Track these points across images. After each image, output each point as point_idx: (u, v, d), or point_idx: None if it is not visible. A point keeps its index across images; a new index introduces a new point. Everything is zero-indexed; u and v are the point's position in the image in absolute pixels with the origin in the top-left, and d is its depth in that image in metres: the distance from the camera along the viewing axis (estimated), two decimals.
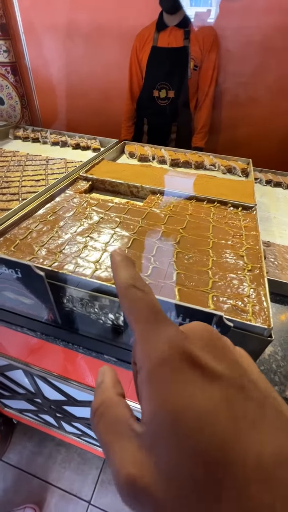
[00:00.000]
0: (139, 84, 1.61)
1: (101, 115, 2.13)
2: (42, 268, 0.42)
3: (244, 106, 1.80)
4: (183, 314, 0.35)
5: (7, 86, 2.03)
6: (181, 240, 0.56)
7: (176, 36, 1.43)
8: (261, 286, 0.45)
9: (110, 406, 0.15)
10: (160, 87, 1.53)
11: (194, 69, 1.48)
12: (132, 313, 0.16)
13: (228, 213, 0.68)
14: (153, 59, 1.48)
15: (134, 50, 1.54)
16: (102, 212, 0.63)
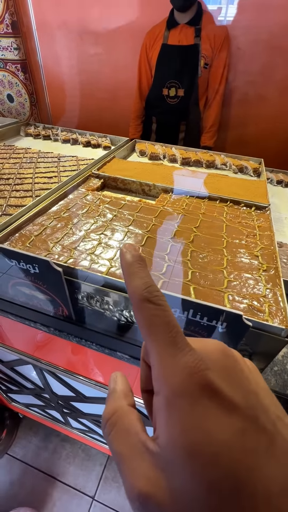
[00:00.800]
0: (148, 82, 1.60)
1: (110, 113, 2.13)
2: (59, 264, 0.42)
3: (254, 104, 1.78)
4: (201, 313, 0.35)
5: (17, 84, 2.04)
6: (195, 239, 0.56)
7: (186, 34, 1.42)
8: (277, 287, 0.45)
9: (122, 417, 0.16)
10: (170, 85, 1.52)
11: (204, 67, 1.47)
12: (149, 332, 0.16)
13: (241, 212, 0.67)
14: (163, 57, 1.48)
15: (144, 48, 1.54)
16: (115, 210, 0.64)
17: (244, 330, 0.35)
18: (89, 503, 1.22)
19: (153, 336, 0.15)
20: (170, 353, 0.15)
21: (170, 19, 1.40)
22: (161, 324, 0.16)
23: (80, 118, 2.20)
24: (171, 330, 0.15)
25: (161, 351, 0.15)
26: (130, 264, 0.18)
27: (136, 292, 0.17)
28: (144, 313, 0.16)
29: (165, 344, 0.15)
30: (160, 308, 0.16)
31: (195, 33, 1.43)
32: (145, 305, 0.16)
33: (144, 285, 0.17)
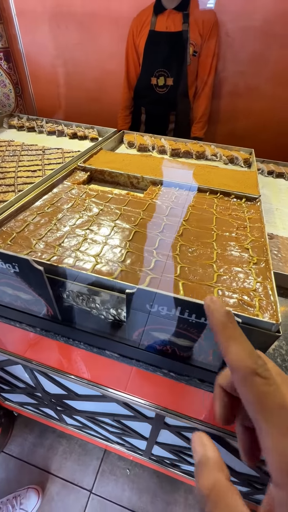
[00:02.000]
0: (136, 71, 1.55)
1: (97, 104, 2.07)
2: (40, 262, 0.40)
3: (244, 96, 1.75)
4: (189, 310, 0.34)
5: (0, 74, 1.96)
6: (184, 233, 0.54)
7: (174, 19, 1.37)
8: (268, 280, 0.44)
9: (225, 495, 0.15)
10: (158, 74, 1.47)
11: (193, 55, 1.43)
12: (262, 414, 0.15)
13: (231, 204, 0.66)
14: (151, 44, 1.43)
15: (131, 35, 1.48)
16: (101, 204, 0.61)
17: None
18: (86, 497, 1.23)
19: (268, 419, 0.14)
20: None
21: (157, 4, 1.34)
22: (276, 407, 0.14)
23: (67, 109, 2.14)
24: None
25: (282, 441, 0.14)
26: (225, 325, 0.17)
27: (242, 363, 0.16)
28: (253, 389, 0.15)
29: (283, 431, 0.14)
30: (270, 383, 0.15)
31: (183, 19, 1.38)
32: (254, 380, 0.15)
33: (249, 354, 0.16)
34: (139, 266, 0.45)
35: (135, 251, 0.48)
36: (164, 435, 0.76)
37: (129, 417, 0.74)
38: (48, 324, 0.49)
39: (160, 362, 0.45)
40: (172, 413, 0.58)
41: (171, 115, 1.59)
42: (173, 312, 0.35)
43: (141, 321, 0.39)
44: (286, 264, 0.64)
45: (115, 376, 0.62)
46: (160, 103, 1.56)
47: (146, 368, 0.47)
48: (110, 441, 1.07)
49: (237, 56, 1.64)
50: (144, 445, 0.93)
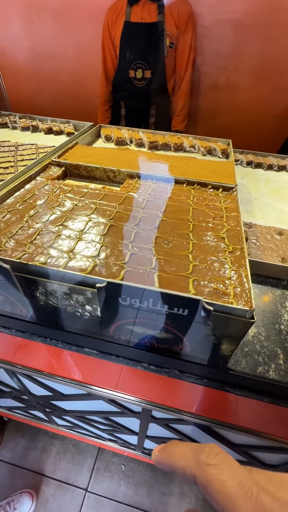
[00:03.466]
0: (113, 64, 1.52)
1: (76, 98, 2.02)
2: (7, 261, 0.38)
3: (224, 90, 1.76)
4: (161, 301, 0.33)
5: None
6: (160, 225, 0.54)
7: (149, 10, 1.35)
8: (242, 268, 0.44)
9: None
10: (136, 66, 1.45)
11: (170, 46, 1.41)
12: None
13: (208, 195, 0.66)
14: (127, 35, 1.40)
15: (106, 26, 1.45)
16: (76, 199, 0.60)
17: (207, 314, 0.33)
18: (82, 496, 1.23)
19: None
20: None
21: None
22: None
23: (44, 104, 2.08)
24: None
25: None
26: (160, 459, 0.19)
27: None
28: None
29: None
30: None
31: (158, 10, 1.36)
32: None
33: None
34: (114, 260, 0.44)
35: (110, 245, 0.47)
36: (154, 428, 0.77)
37: (117, 413, 0.74)
38: (24, 324, 0.48)
39: (140, 356, 0.45)
40: (157, 406, 0.58)
41: (151, 108, 1.57)
42: (146, 304, 0.34)
43: (115, 316, 0.38)
44: (264, 252, 0.65)
45: (99, 374, 0.62)
46: (139, 96, 1.54)
47: (127, 363, 0.47)
48: (102, 438, 1.07)
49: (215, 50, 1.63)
50: (136, 440, 0.93)
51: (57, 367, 0.64)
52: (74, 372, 0.63)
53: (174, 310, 0.34)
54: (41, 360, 0.63)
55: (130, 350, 0.44)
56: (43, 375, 0.64)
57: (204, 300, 0.32)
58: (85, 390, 0.65)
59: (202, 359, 0.43)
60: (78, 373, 0.62)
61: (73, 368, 0.63)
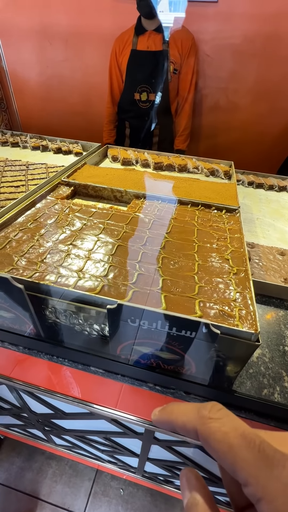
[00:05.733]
0: (119, 87, 1.61)
1: (83, 119, 2.11)
2: (20, 280, 0.39)
3: (225, 111, 1.84)
4: (169, 323, 0.34)
5: None
6: (166, 245, 0.55)
7: (155, 40, 1.44)
8: (247, 290, 0.45)
9: None
10: (141, 90, 1.53)
11: (174, 72, 1.50)
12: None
13: (212, 216, 0.68)
14: (133, 62, 1.49)
15: (114, 54, 1.54)
16: (85, 218, 0.62)
17: (214, 337, 0.34)
18: None
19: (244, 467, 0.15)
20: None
21: (138, 26, 1.41)
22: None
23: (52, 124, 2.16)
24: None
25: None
26: (159, 417, 0.19)
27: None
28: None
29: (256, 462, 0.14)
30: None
31: (163, 39, 1.45)
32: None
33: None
34: (122, 280, 0.46)
35: (118, 265, 0.49)
36: (155, 450, 0.75)
37: (119, 434, 0.72)
38: (31, 342, 0.48)
39: (146, 376, 0.45)
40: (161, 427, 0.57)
41: (155, 128, 1.64)
42: (154, 326, 0.35)
43: (123, 336, 0.39)
44: (267, 272, 0.66)
45: (102, 393, 0.61)
46: (143, 117, 1.61)
47: (132, 382, 0.47)
48: (101, 460, 1.04)
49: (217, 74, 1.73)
50: (136, 462, 0.90)
51: (60, 385, 0.64)
52: (78, 391, 0.63)
53: (181, 332, 0.35)
54: (44, 377, 0.63)
55: (136, 370, 0.45)
56: (46, 392, 0.63)
57: (211, 323, 0.34)
58: (87, 409, 0.64)
59: (208, 381, 0.43)
60: (80, 392, 0.62)
61: (77, 387, 0.63)
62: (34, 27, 1.89)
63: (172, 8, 1.53)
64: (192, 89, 1.56)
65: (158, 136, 1.67)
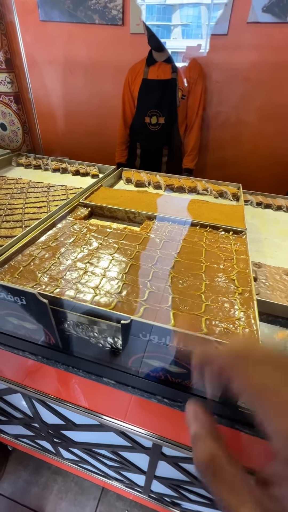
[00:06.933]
0: (131, 111, 1.73)
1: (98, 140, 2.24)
2: (45, 296, 0.44)
3: (232, 129, 1.92)
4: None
5: (10, 114, 2.16)
6: (176, 265, 0.59)
7: (164, 70, 1.56)
8: (251, 309, 0.48)
9: (221, 464, 0.16)
10: (151, 114, 1.65)
11: (182, 98, 1.61)
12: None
13: (220, 237, 0.72)
14: (144, 90, 1.62)
15: (127, 82, 1.68)
16: (101, 238, 0.67)
17: None
18: None
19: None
20: None
21: (149, 58, 1.54)
22: None
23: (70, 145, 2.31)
24: None
25: None
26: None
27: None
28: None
29: None
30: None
31: (172, 69, 1.57)
32: None
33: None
34: (134, 297, 0.50)
35: (131, 283, 0.53)
36: (163, 468, 0.75)
37: (127, 448, 0.73)
38: (49, 352, 0.52)
39: (154, 388, 0.48)
40: (169, 442, 0.59)
41: (164, 149, 1.74)
42: (164, 341, 0.39)
43: (135, 349, 0.43)
44: (273, 292, 0.69)
45: (113, 405, 0.64)
46: (153, 139, 1.72)
47: (141, 394, 0.50)
48: (108, 477, 1.03)
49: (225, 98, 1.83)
50: (143, 480, 0.90)
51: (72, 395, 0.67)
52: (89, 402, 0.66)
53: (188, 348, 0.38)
54: (58, 387, 0.66)
55: (146, 382, 0.48)
56: (58, 401, 0.66)
57: (215, 339, 0.37)
58: (97, 420, 0.66)
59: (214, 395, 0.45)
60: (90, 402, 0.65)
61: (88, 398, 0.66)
62: (58, 59, 2.07)
63: (185, 36, 1.67)
64: (199, 114, 1.67)
65: (167, 156, 1.76)
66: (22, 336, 0.54)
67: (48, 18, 1.83)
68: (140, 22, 1.63)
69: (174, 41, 1.73)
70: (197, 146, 1.75)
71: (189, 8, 1.71)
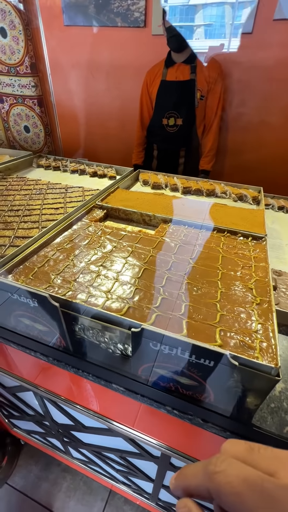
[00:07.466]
0: (149, 113, 1.73)
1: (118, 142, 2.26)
2: (57, 298, 0.44)
3: (253, 130, 1.86)
4: (189, 350, 0.36)
5: (33, 116, 2.23)
6: (190, 271, 0.57)
7: (183, 71, 1.54)
8: (270, 322, 0.45)
9: None
10: (169, 115, 1.63)
11: (200, 98, 1.58)
12: None
13: (238, 243, 0.69)
14: (162, 91, 1.60)
15: (145, 84, 1.68)
16: (115, 241, 0.67)
17: (232, 368, 0.35)
18: None
19: None
20: None
21: (168, 59, 1.53)
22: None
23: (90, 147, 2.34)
24: None
25: None
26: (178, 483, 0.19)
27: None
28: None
29: None
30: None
31: (190, 70, 1.54)
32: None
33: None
34: (146, 303, 0.49)
35: (143, 288, 0.52)
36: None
37: (135, 454, 0.72)
38: (60, 354, 0.52)
39: (164, 398, 0.47)
40: (177, 453, 0.57)
41: (181, 150, 1.72)
42: (174, 352, 0.37)
43: (145, 358, 0.42)
44: None
45: (123, 411, 0.63)
46: (170, 141, 1.70)
47: (151, 404, 0.48)
48: (115, 480, 1.03)
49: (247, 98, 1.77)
50: (151, 488, 0.88)
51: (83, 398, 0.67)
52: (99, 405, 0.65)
53: (200, 360, 0.36)
54: (70, 389, 0.67)
55: (155, 392, 0.46)
56: (69, 403, 0.67)
57: (230, 353, 0.35)
58: (105, 425, 0.66)
59: (226, 411, 0.43)
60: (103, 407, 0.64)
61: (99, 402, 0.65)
62: (80, 62, 2.12)
63: (208, 36, 1.64)
64: (218, 113, 1.63)
65: (184, 157, 1.74)
66: (34, 337, 0.54)
67: (72, 22, 1.87)
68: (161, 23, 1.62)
69: (196, 42, 1.70)
70: (214, 147, 1.71)
71: (213, 7, 1.68)
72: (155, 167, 1.82)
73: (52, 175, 1.22)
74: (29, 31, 1.95)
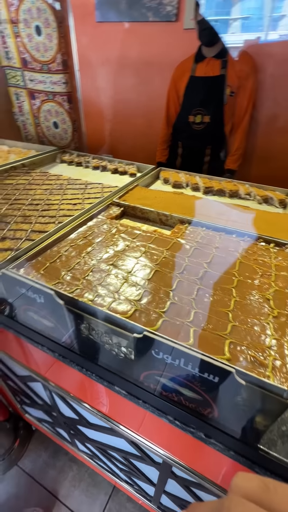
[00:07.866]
0: (176, 110, 1.68)
1: (143, 138, 2.24)
2: (62, 296, 0.44)
3: (284, 133, 1.74)
4: (192, 363, 0.34)
5: (62, 113, 2.28)
6: (204, 276, 0.55)
7: (213, 66, 1.47)
8: (286, 337, 0.41)
9: None
10: (196, 112, 1.58)
11: (230, 95, 1.50)
12: None
13: (258, 248, 0.64)
14: (190, 88, 1.55)
15: (173, 80, 1.63)
16: (129, 240, 0.65)
17: (238, 386, 0.32)
18: None
19: None
20: None
21: (198, 54, 1.47)
22: None
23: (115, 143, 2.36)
24: None
25: None
26: None
27: None
28: None
29: None
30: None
31: (221, 65, 1.47)
32: None
33: None
34: (154, 307, 0.47)
35: (152, 291, 0.50)
36: (173, 485, 0.71)
37: (137, 457, 0.71)
38: (65, 351, 0.52)
39: (166, 408, 0.45)
40: (178, 464, 0.55)
41: (207, 149, 1.66)
42: (177, 362, 0.35)
43: (147, 365, 0.40)
44: None
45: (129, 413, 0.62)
46: (196, 138, 1.65)
47: (153, 411, 0.47)
48: (119, 478, 1.03)
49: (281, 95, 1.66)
50: (153, 491, 0.87)
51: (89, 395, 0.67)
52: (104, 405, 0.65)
53: (203, 374, 0.34)
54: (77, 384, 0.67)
55: (157, 400, 0.45)
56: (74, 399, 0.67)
57: (237, 369, 0.32)
58: (108, 425, 0.65)
59: (232, 430, 0.40)
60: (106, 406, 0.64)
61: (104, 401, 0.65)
62: (109, 58, 2.12)
63: (244, 30, 1.56)
64: (248, 110, 1.54)
65: (209, 156, 1.68)
66: (42, 331, 0.55)
67: (104, 19, 1.87)
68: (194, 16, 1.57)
69: (230, 35, 1.62)
70: (242, 146, 1.63)
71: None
72: (179, 165, 1.77)
73: (74, 170, 1.24)
74: (62, 29, 1.99)
